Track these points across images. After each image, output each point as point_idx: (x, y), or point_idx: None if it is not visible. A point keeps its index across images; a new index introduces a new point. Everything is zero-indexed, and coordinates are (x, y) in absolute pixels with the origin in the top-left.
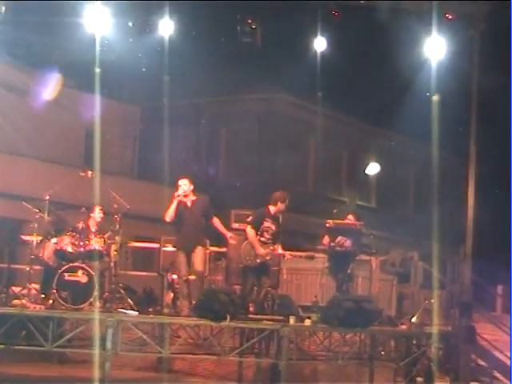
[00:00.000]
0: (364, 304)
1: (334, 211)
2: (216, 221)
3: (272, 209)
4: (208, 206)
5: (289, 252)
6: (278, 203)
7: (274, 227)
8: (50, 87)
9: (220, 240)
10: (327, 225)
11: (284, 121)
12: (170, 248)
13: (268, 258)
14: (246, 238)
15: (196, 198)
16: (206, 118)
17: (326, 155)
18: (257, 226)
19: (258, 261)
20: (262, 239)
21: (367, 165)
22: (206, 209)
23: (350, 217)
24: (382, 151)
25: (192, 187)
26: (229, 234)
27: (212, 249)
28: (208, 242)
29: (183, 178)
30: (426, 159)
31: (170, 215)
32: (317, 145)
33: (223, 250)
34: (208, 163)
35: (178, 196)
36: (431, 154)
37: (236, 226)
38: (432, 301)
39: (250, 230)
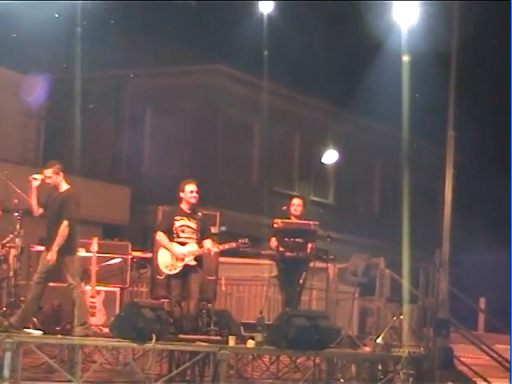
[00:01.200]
0: (319, 321)
1: (283, 208)
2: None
3: (184, 204)
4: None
5: (219, 245)
6: (187, 194)
7: (193, 225)
8: None
9: (145, 243)
10: (274, 225)
11: (223, 98)
12: (83, 253)
13: (190, 258)
14: (160, 245)
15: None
16: (128, 95)
17: (275, 140)
18: (166, 227)
19: (180, 265)
20: (180, 240)
21: (324, 152)
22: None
23: (296, 201)
24: (342, 136)
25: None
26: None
27: (135, 254)
28: (129, 245)
29: (49, 166)
30: (395, 147)
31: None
32: (263, 128)
33: (147, 255)
34: (130, 150)
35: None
36: (402, 140)
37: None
38: (401, 317)
39: (158, 235)
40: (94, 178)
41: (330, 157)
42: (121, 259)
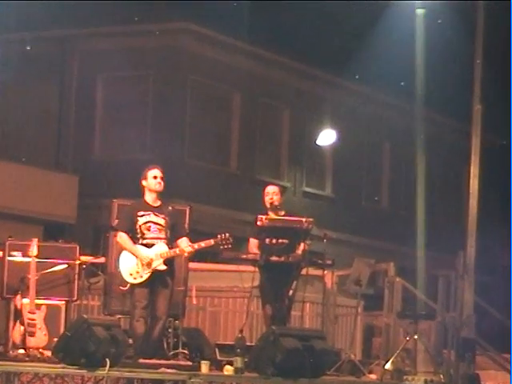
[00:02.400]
0: (314, 342)
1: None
2: None
3: (148, 195)
4: None
5: (193, 244)
6: (149, 181)
7: (161, 220)
8: None
9: (96, 245)
10: (258, 223)
11: (194, 64)
12: (19, 258)
13: (159, 262)
14: (122, 249)
15: None
16: (76, 61)
17: (258, 117)
18: (127, 226)
19: (147, 272)
20: (145, 241)
21: (319, 132)
22: None
23: (271, 188)
24: (341, 111)
25: None
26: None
27: (84, 259)
28: (77, 248)
29: None
30: (408, 124)
31: None
32: (244, 101)
33: (100, 260)
34: (78, 129)
35: None
36: (416, 116)
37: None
38: (415, 337)
39: (119, 236)
40: (32, 164)
41: (327, 137)
42: (67, 265)
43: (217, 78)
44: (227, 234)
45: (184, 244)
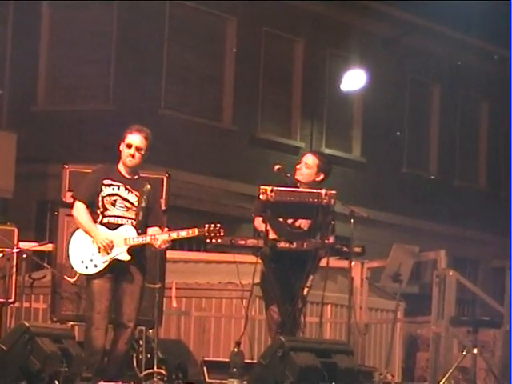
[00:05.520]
0: (336, 358)
1: (276, 167)
2: None
3: (125, 154)
4: None
5: (171, 232)
6: (130, 137)
7: (132, 197)
8: None
9: (41, 227)
10: (261, 196)
11: None
12: None
13: (121, 250)
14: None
15: None
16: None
17: (259, 52)
18: (87, 196)
19: (104, 260)
20: (106, 220)
21: (345, 73)
22: None
23: (309, 158)
24: (374, 45)
25: None
26: None
27: (24, 245)
28: (16, 231)
29: None
30: (465, 62)
31: None
32: (239, 29)
33: (46, 247)
34: (17, 69)
35: None
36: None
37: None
38: (475, 351)
39: (76, 208)
40: None
41: (355, 80)
42: (1, 255)
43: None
44: (218, 225)
45: (155, 231)
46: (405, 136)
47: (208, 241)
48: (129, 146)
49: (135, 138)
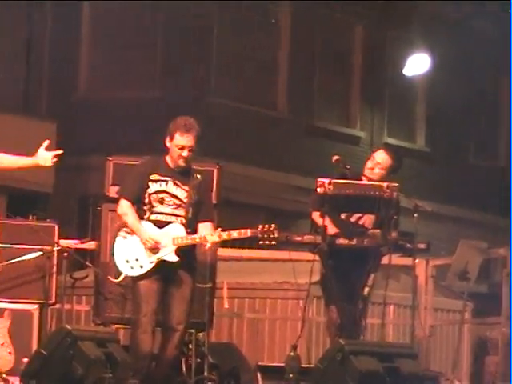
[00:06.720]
0: (399, 363)
1: (334, 158)
2: None
3: (174, 152)
4: None
5: (222, 232)
6: (180, 138)
7: (181, 193)
8: None
9: (83, 223)
10: (318, 189)
11: None
12: None
13: (169, 250)
14: (122, 225)
15: None
16: None
17: (314, 35)
18: (133, 192)
19: (150, 261)
20: (153, 217)
21: (408, 57)
22: None
23: (380, 156)
24: (439, 27)
25: None
26: None
27: (66, 243)
28: (56, 227)
29: None
30: None
31: None
32: (294, 12)
33: (89, 245)
34: (55, 58)
35: None
36: None
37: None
38: None
39: (121, 206)
40: None
41: (419, 65)
42: (41, 253)
43: None
44: (272, 225)
45: (208, 231)
46: (472, 124)
47: (261, 242)
48: (180, 148)
49: (186, 140)
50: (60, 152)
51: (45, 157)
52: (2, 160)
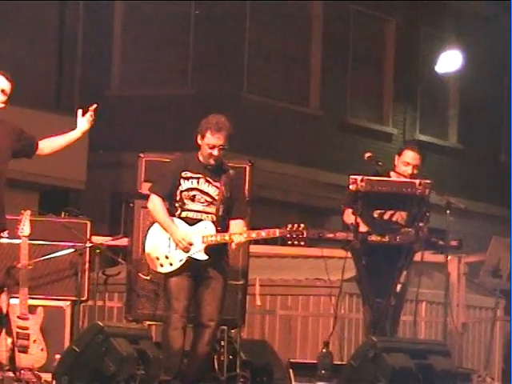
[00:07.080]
0: (432, 360)
1: (367, 155)
2: None
3: (205, 150)
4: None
5: (251, 232)
6: (211, 137)
7: (213, 190)
8: None
9: (116, 220)
10: (351, 186)
11: None
12: (4, 239)
13: (199, 249)
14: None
15: None
16: None
17: (347, 32)
18: (165, 189)
19: (180, 259)
20: (184, 214)
21: (440, 54)
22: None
23: (410, 154)
24: (473, 24)
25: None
26: None
27: (98, 239)
28: (89, 224)
29: None
30: None
31: None
32: (326, 9)
33: (121, 242)
34: (87, 55)
35: None
36: None
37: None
38: None
39: (152, 201)
40: (20, 104)
41: (451, 62)
42: (73, 250)
43: None
44: (301, 225)
45: (238, 228)
46: (504, 121)
47: (290, 243)
48: (211, 147)
49: (217, 140)
50: (94, 106)
51: (83, 122)
52: (52, 144)
